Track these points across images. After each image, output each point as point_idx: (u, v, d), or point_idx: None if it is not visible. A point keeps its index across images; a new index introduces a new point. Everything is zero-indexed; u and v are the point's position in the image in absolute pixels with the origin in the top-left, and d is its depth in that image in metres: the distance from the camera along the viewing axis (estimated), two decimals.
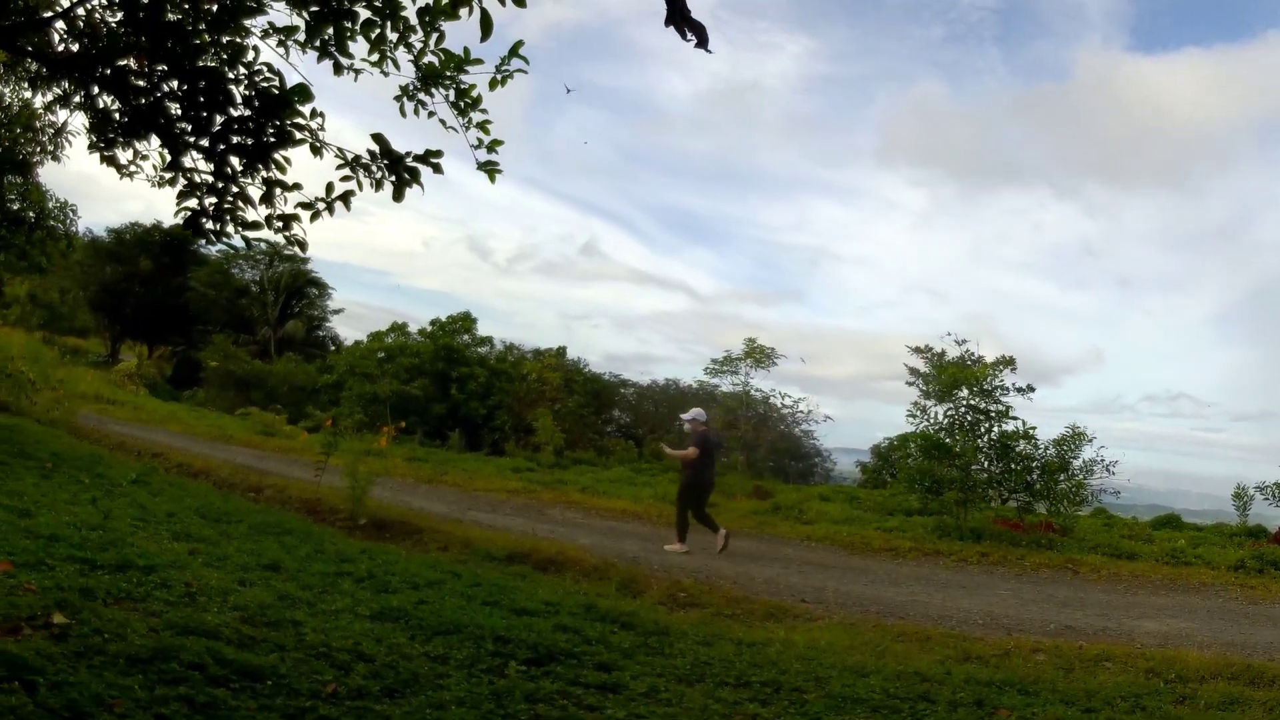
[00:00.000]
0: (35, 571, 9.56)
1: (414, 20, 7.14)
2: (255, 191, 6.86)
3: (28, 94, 15.76)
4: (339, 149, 7.01)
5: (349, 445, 22.19)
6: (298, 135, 6.73)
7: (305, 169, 6.96)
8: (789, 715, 8.54)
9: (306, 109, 6.69)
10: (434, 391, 44.94)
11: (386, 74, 7.54)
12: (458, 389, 44.99)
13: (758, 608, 14.13)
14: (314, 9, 6.82)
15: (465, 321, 49.70)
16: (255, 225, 6.92)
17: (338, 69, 7.54)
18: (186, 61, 6.38)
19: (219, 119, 6.44)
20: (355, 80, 7.75)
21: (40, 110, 15.30)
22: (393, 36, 7.23)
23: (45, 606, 8.27)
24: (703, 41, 4.40)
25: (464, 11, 6.77)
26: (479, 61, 7.36)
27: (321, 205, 7.00)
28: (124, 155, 8.09)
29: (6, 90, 15.25)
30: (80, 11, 7.33)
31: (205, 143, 6.60)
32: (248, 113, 6.47)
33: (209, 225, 6.90)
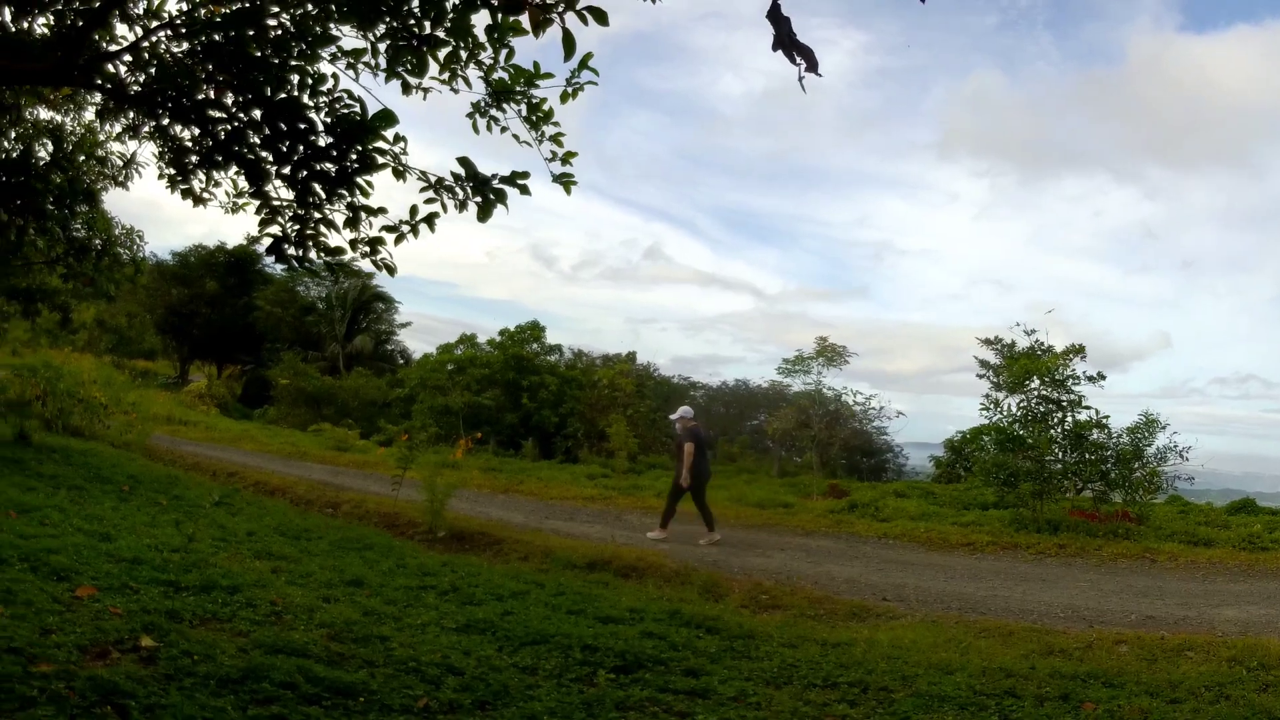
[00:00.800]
0: (120, 595, 9.66)
1: (483, 38, 7.17)
2: (338, 216, 6.91)
3: (91, 122, 15.95)
4: (422, 172, 7.04)
5: (425, 458, 22.24)
6: (380, 160, 6.76)
7: (384, 191, 7.01)
8: (878, 715, 8.53)
9: (390, 134, 6.72)
10: (505, 401, 45.00)
11: (456, 91, 7.57)
12: (529, 398, 45.01)
13: (840, 608, 14.10)
14: (399, 40, 6.87)
15: (534, 330, 49.72)
16: (338, 250, 6.97)
17: (406, 89, 7.59)
18: (269, 92, 6.42)
19: (301, 147, 6.48)
20: (424, 99, 7.80)
21: (102, 139, 15.44)
22: (463, 55, 7.26)
23: (132, 630, 8.35)
24: (812, 66, 4.38)
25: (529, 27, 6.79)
26: (549, 76, 7.39)
27: (406, 228, 7.04)
28: (197, 184, 8.18)
29: (68, 120, 15.41)
30: (147, 44, 7.42)
31: (287, 171, 6.65)
32: (330, 140, 6.51)
33: (291, 251, 6.94)
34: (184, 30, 7.21)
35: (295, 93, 6.52)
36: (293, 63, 6.87)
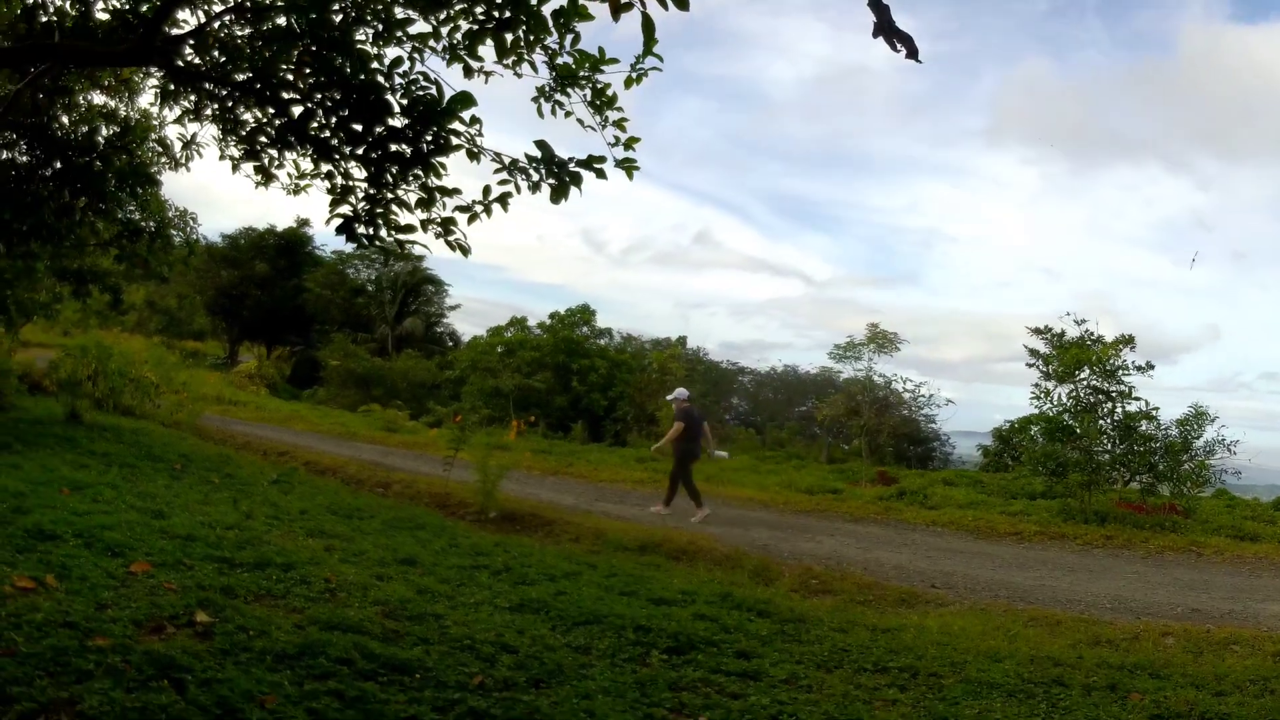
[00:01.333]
0: (174, 571, 9.75)
1: (549, 22, 7.17)
2: (410, 196, 6.94)
3: (147, 107, 16.05)
4: (496, 154, 7.06)
5: (477, 439, 22.29)
6: (455, 142, 6.78)
7: (454, 172, 7.02)
8: (928, 700, 8.54)
9: (466, 115, 6.73)
10: (555, 384, 45.19)
11: (520, 75, 7.59)
12: (579, 381, 45.18)
13: (889, 594, 14.13)
14: (477, 23, 6.90)
15: (584, 314, 49.88)
16: (409, 229, 7.00)
17: (468, 72, 7.62)
18: (348, 73, 6.45)
19: (378, 129, 6.51)
20: (486, 82, 7.83)
21: (157, 123, 15.54)
22: (529, 39, 7.28)
23: (187, 605, 8.43)
24: (913, 53, 4.41)
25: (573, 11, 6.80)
26: (614, 61, 7.39)
27: (479, 208, 7.06)
28: (268, 163, 8.24)
29: (121, 105, 15.52)
30: (214, 26, 7.48)
31: (361, 151, 6.68)
32: (405, 121, 6.53)
33: (362, 230, 6.98)
34: (249, 13, 7.28)
35: (372, 75, 6.55)
36: (369, 46, 6.92)
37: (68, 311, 38.29)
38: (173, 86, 9.79)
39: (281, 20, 7.06)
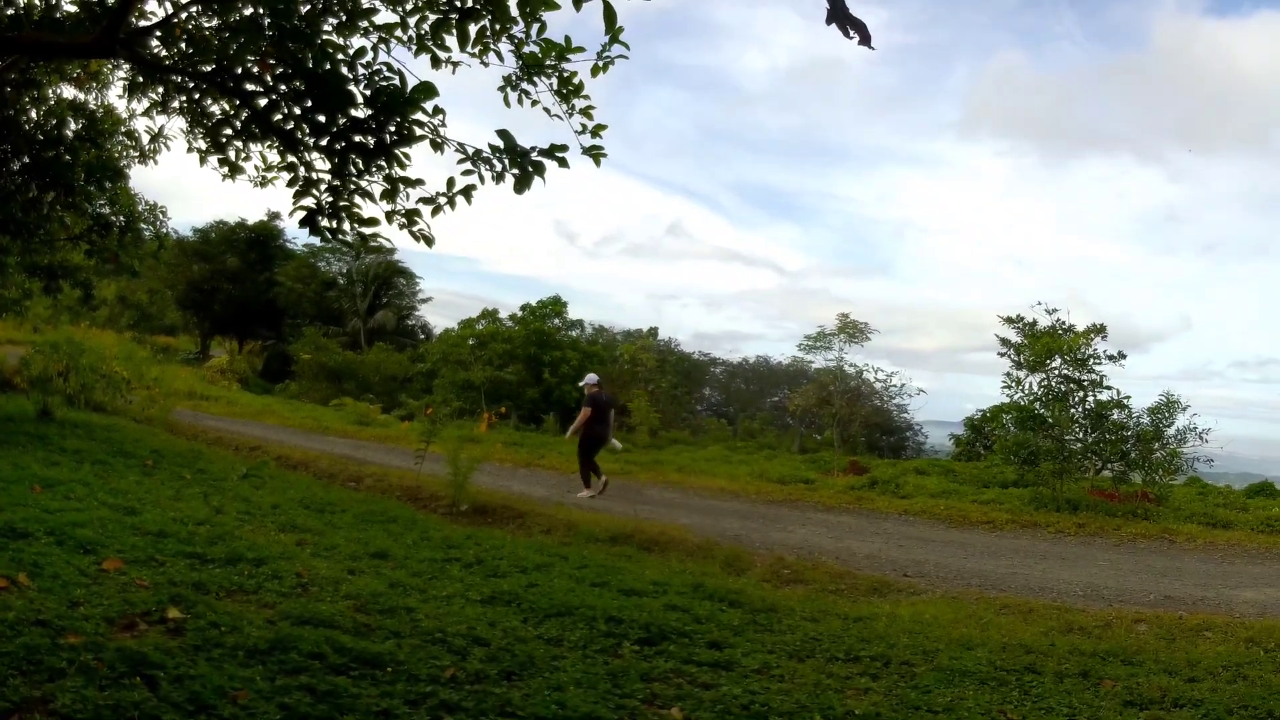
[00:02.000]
0: (146, 567, 9.74)
1: (515, 12, 7.18)
2: (374, 188, 6.94)
3: (115, 100, 16.03)
4: (459, 144, 7.07)
5: (449, 432, 22.32)
6: (419, 132, 6.79)
7: (419, 163, 7.03)
8: (900, 688, 8.59)
9: (429, 105, 6.74)
10: (527, 376, 45.25)
11: (487, 65, 7.60)
12: (550, 373, 45.28)
13: (861, 583, 14.20)
14: (440, 13, 6.91)
15: (556, 305, 50.04)
16: (372, 221, 7.00)
17: (436, 63, 7.65)
18: (311, 64, 6.45)
19: (341, 119, 6.51)
20: (453, 73, 7.85)
21: (125, 115, 15.52)
22: (495, 29, 7.29)
23: (159, 602, 8.42)
24: (865, 39, 4.43)
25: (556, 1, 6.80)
26: (580, 50, 7.41)
27: (443, 200, 7.07)
28: (233, 156, 8.24)
29: (90, 97, 15.50)
30: (179, 19, 7.46)
31: (324, 142, 6.68)
32: (368, 112, 6.53)
33: (325, 223, 6.98)
34: (216, 5, 7.26)
35: (336, 66, 6.54)
36: (332, 36, 6.91)
37: (38, 308, 38.20)
38: (140, 79, 9.78)
39: (248, 11, 7.05)
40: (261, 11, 6.51)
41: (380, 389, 50.66)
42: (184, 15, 7.57)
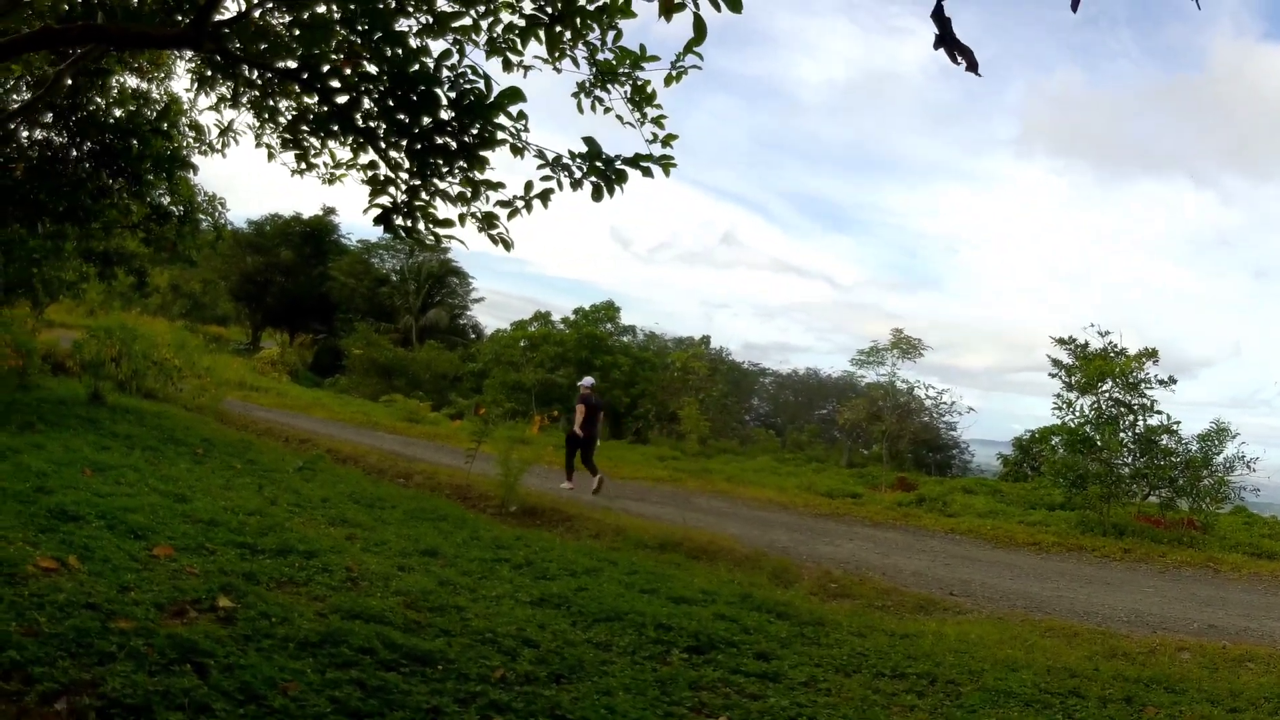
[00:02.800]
0: (196, 555, 9.81)
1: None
2: (451, 188, 6.93)
3: (178, 90, 16.12)
4: (539, 149, 7.05)
5: (500, 433, 22.36)
6: (500, 136, 6.77)
7: (496, 166, 7.00)
8: (946, 707, 8.57)
9: (514, 110, 6.74)
10: (577, 379, 45.28)
11: (560, 70, 7.59)
12: (601, 377, 45.21)
13: (908, 600, 14.16)
14: (529, 16, 6.90)
15: (608, 310, 50.05)
16: (447, 222, 6.99)
17: (507, 66, 7.63)
18: (400, 65, 6.44)
19: (425, 120, 6.50)
20: (525, 76, 7.84)
21: (188, 106, 15.60)
22: (568, 36, 7.27)
23: (209, 590, 8.47)
24: (972, 65, 4.41)
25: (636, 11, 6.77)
26: (655, 58, 7.39)
27: (520, 203, 7.07)
28: (312, 153, 8.28)
29: (154, 87, 15.59)
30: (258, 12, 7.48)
31: (405, 142, 6.67)
32: (452, 114, 6.52)
33: (400, 222, 6.98)
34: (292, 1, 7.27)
35: (424, 68, 6.53)
36: (413, 39, 6.91)
37: (91, 293, 38.40)
38: (209, 73, 9.82)
39: (321, 8, 7.06)
40: (352, 9, 6.51)
41: (430, 386, 50.73)
42: (258, 11, 7.60)
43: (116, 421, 18.88)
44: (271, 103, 9.34)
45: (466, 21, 7.37)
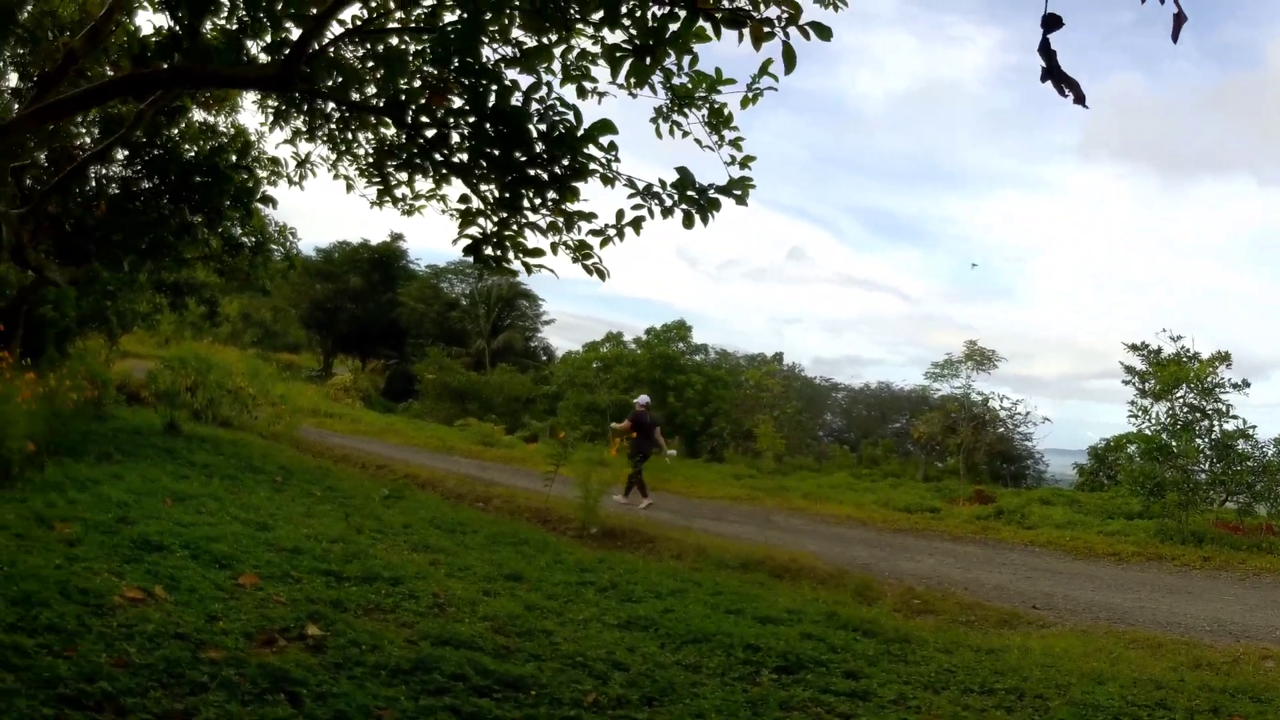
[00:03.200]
0: (282, 584, 9.88)
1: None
2: (540, 219, 6.96)
3: (242, 123, 16.26)
4: (629, 178, 7.06)
5: (579, 455, 22.42)
6: (591, 167, 6.79)
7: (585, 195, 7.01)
8: None
9: (605, 140, 6.75)
10: (651, 400, 45.29)
11: (635, 96, 7.60)
12: (675, 397, 45.22)
13: (991, 614, 14.08)
14: (620, 46, 6.90)
15: (680, 330, 50.03)
16: (537, 252, 7.03)
17: (582, 93, 7.67)
18: (491, 101, 6.47)
19: (517, 154, 6.53)
20: (599, 103, 7.88)
21: (255, 139, 15.74)
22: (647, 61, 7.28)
23: (298, 618, 8.53)
24: (1080, 98, 4.42)
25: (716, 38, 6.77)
26: (731, 81, 7.39)
27: (612, 232, 7.08)
28: (396, 187, 8.37)
29: (221, 119, 15.75)
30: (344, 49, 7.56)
31: (495, 175, 6.71)
32: (543, 147, 6.55)
33: (490, 252, 7.02)
34: (370, 37, 7.33)
35: (515, 102, 6.55)
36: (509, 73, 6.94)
37: (164, 323, 38.81)
38: (284, 107, 9.93)
39: (395, 40, 7.12)
40: (440, 49, 6.54)
41: (503, 410, 50.80)
42: (336, 49, 7.67)
43: (193, 450, 19.08)
44: (349, 136, 9.44)
45: (555, 52, 7.41)
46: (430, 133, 6.67)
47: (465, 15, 6.51)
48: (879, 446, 44.57)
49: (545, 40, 7.25)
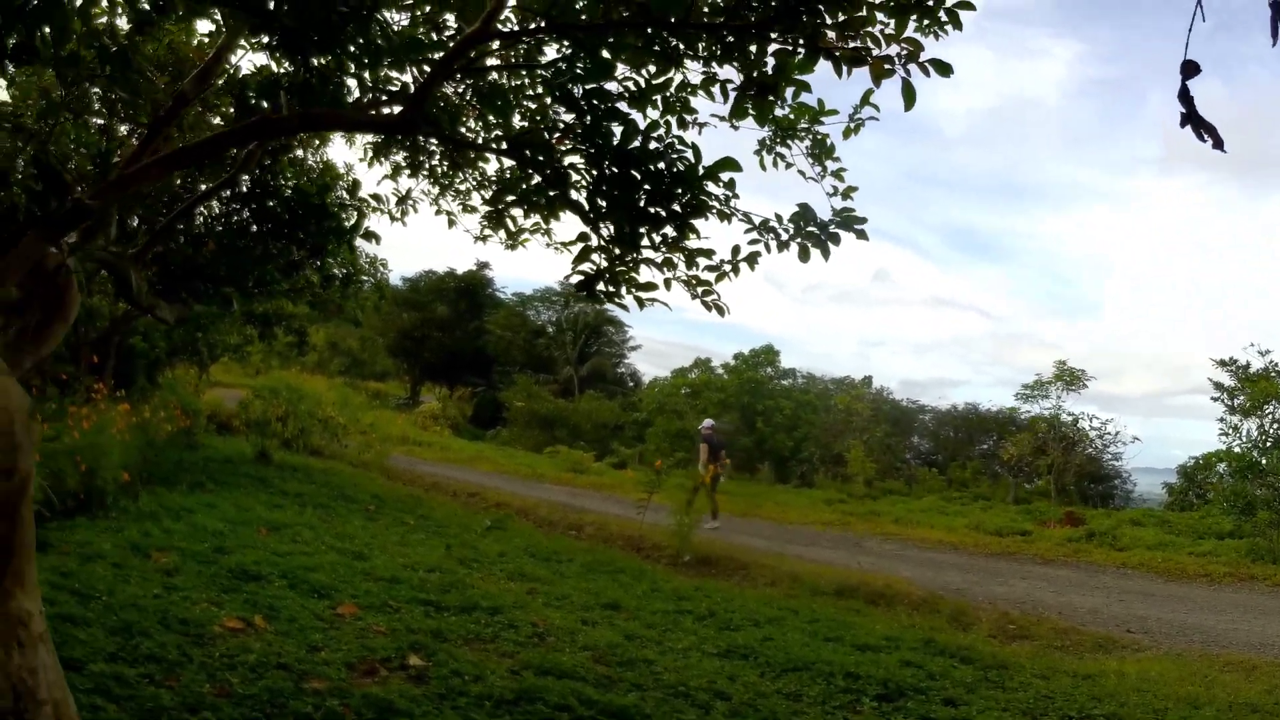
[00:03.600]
0: (381, 614, 10.00)
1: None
2: (655, 254, 7.01)
3: (335, 158, 16.49)
4: (745, 214, 7.09)
5: (671, 482, 22.42)
6: (710, 204, 6.85)
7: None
8: None
9: (725, 178, 6.80)
10: (741, 425, 45.14)
11: (737, 127, 7.63)
12: (764, 422, 45.07)
13: (1086, 639, 13.99)
14: (742, 89, 6.94)
15: (768, 354, 49.89)
16: (650, 286, 7.09)
17: (682, 123, 7.71)
18: (616, 141, 6.53)
19: (638, 195, 6.59)
20: (700, 134, 7.94)
21: (346, 173, 15.88)
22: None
23: (399, 649, 8.65)
24: (1218, 143, 4.46)
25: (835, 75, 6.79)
26: (834, 112, 7.39)
27: (727, 266, 7.14)
28: (510, 222, 8.49)
29: (309, 153, 15.90)
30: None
31: (612, 213, 6.77)
32: (664, 184, 6.60)
33: (603, 288, 7.08)
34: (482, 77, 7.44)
35: (641, 142, 6.60)
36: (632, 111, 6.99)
37: (253, 353, 39.31)
38: (381, 143, 10.07)
39: (500, 78, 7.22)
40: (569, 88, 6.61)
41: (592, 436, 50.71)
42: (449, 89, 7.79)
43: (285, 479, 19.33)
44: (451, 170, 9.56)
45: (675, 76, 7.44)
46: (549, 171, 6.74)
47: (589, 57, 6.57)
48: (967, 469, 44.23)
49: (645, 74, 7.29)
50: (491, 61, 7.77)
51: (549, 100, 7.58)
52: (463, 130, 8.34)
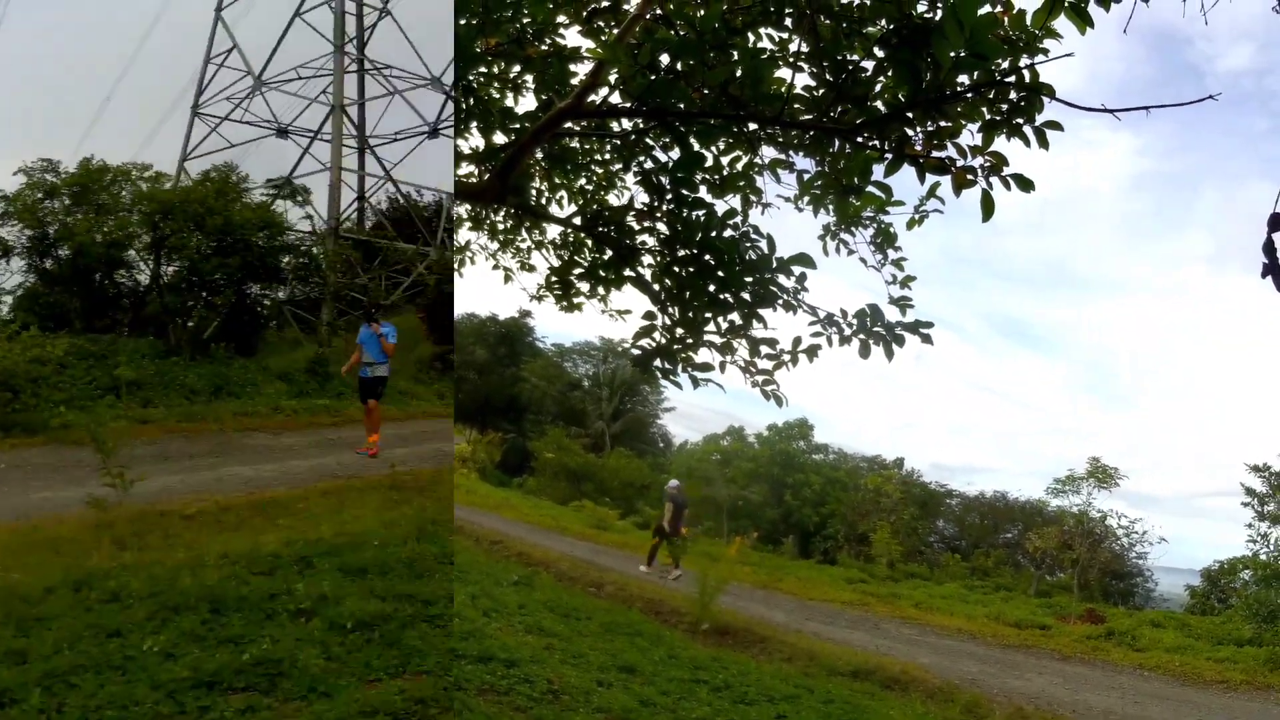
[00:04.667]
0: None
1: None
2: (715, 336, 7.20)
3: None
4: (811, 307, 7.27)
5: (697, 549, 22.54)
6: (779, 295, 7.05)
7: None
8: None
9: (797, 271, 7.04)
10: (768, 496, 45.10)
11: (801, 210, 7.79)
12: (792, 495, 45.05)
13: None
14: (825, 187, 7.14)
15: (802, 428, 49.82)
16: (706, 367, 7.26)
17: (746, 203, 7.89)
18: (697, 227, 6.74)
19: (711, 285, 6.79)
20: (763, 214, 8.11)
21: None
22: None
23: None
24: None
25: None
26: (900, 203, 7.53)
27: (787, 357, 7.34)
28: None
29: None
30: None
31: (680, 293, 6.97)
32: (735, 272, 6.79)
33: (660, 364, 7.27)
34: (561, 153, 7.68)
35: (717, 230, 6.80)
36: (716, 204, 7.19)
37: None
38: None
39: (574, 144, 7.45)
40: (666, 180, 6.81)
41: (618, 494, 50.49)
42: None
43: None
44: (514, 230, 9.80)
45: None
46: (620, 247, 6.95)
47: (679, 144, 6.76)
48: (990, 557, 44.09)
49: (725, 160, 7.45)
50: (567, 125, 7.96)
51: (618, 168, 7.80)
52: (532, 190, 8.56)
